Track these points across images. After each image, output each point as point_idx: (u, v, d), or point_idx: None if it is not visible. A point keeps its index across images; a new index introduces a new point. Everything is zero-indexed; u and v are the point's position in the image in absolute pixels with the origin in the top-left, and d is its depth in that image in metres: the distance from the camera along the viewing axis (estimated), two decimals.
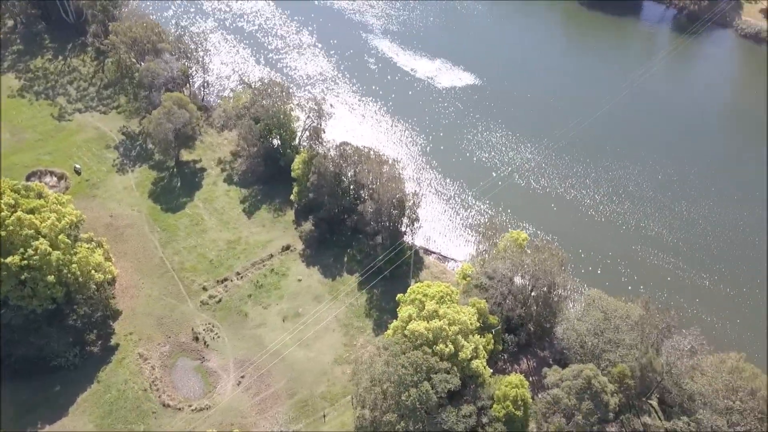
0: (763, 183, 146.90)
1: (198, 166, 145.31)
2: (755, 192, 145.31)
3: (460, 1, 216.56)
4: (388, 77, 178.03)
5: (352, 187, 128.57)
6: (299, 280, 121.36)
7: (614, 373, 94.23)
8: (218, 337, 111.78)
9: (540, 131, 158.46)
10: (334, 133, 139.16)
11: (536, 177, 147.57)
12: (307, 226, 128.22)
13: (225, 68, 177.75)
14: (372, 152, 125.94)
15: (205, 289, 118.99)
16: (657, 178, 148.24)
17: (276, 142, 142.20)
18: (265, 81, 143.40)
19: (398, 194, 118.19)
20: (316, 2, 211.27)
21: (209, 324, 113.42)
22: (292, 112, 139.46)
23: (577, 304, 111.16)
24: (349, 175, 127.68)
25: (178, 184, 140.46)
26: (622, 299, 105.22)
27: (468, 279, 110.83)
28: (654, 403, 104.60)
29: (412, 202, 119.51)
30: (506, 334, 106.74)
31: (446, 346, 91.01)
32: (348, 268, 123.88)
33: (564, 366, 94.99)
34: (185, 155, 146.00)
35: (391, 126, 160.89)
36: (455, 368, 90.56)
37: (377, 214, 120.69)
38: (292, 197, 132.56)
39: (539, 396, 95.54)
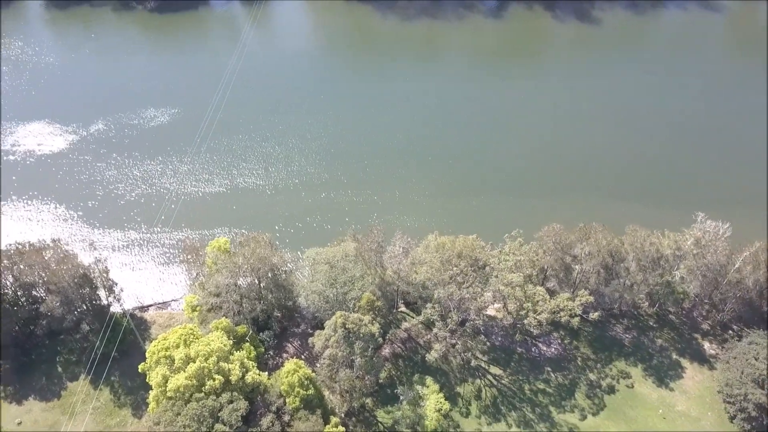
0: (407, 94, 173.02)
1: None
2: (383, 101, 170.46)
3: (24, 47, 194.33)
4: None
5: (19, 293, 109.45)
6: (19, 424, 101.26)
7: (363, 305, 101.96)
8: None
9: (180, 142, 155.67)
10: None
11: (200, 182, 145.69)
12: None
13: None
14: (21, 246, 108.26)
15: None
16: (307, 125, 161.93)
17: None
18: None
19: (78, 271, 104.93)
20: None
21: None
22: None
23: (304, 269, 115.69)
24: (8, 283, 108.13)
25: None
26: (334, 243, 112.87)
27: (198, 308, 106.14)
28: (403, 308, 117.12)
29: (97, 270, 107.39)
30: (261, 334, 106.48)
31: (214, 379, 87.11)
32: (69, 376, 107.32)
33: (323, 328, 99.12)
34: None
35: (25, 208, 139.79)
36: (236, 393, 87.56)
37: (67, 304, 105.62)
38: None
39: (319, 365, 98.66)
